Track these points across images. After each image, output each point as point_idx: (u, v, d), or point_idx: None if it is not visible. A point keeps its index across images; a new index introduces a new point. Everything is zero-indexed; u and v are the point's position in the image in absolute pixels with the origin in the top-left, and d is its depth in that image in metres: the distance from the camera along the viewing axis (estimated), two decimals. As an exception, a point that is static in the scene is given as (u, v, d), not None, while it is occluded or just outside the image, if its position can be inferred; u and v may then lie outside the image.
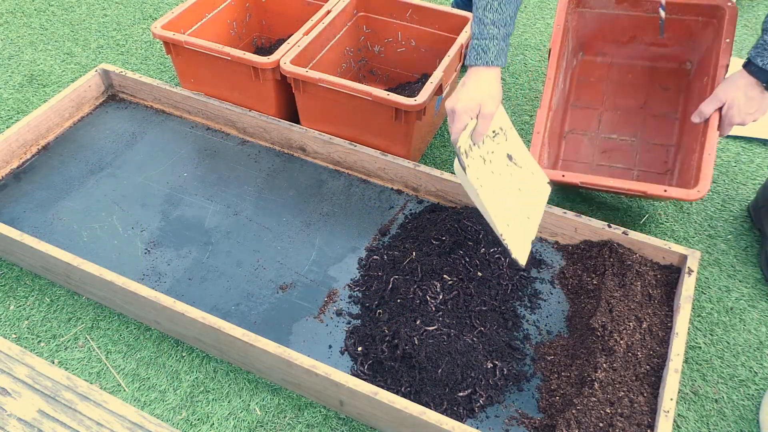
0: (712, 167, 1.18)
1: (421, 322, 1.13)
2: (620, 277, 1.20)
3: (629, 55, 1.47)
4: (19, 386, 1.12)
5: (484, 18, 1.07)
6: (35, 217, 1.39)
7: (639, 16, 1.40)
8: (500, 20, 1.07)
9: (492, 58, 1.07)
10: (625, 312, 1.13)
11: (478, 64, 1.08)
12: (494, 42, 1.07)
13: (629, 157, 1.47)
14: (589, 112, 1.51)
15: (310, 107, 1.49)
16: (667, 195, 1.19)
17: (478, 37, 1.08)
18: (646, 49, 1.45)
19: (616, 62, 1.49)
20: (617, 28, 1.44)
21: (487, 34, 1.07)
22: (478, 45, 1.08)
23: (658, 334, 1.13)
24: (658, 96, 1.48)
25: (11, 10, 2.06)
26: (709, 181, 1.17)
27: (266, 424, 1.10)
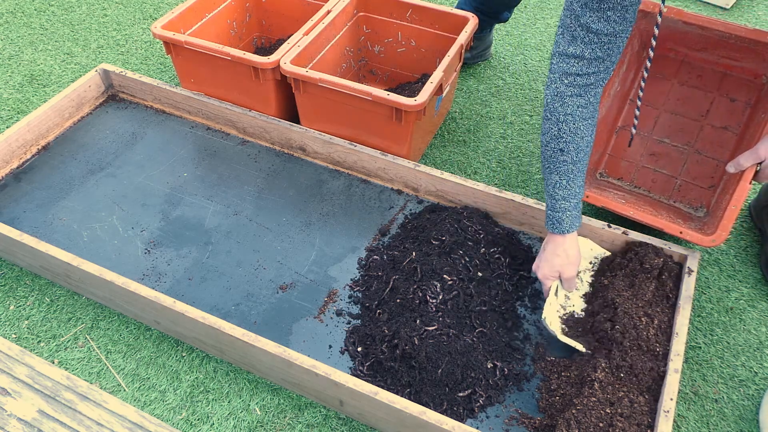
0: (733, 221, 1.17)
1: (421, 322, 1.13)
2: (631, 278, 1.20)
3: (701, 59, 1.42)
4: (19, 386, 1.12)
5: (554, 194, 1.15)
6: (35, 217, 1.39)
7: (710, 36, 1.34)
8: (570, 194, 1.14)
9: (566, 228, 1.15)
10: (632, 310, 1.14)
11: (555, 233, 1.16)
12: (567, 214, 1.14)
13: (676, 165, 1.43)
14: (648, 111, 1.46)
15: (310, 107, 1.49)
16: (682, 237, 1.20)
17: (552, 209, 1.16)
18: (719, 59, 1.39)
19: (688, 61, 1.43)
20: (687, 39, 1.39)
21: (560, 208, 1.14)
22: (553, 217, 1.16)
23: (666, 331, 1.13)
24: (723, 106, 1.42)
25: (11, 10, 2.06)
26: (727, 232, 1.17)
27: (266, 424, 1.10)
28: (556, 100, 1.09)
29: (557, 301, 1.19)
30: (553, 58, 1.08)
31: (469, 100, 1.75)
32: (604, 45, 1.02)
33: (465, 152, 1.60)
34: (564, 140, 1.10)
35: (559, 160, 1.12)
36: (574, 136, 1.10)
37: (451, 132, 1.66)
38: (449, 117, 1.70)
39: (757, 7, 2.05)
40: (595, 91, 1.09)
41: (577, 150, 1.11)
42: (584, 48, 1.03)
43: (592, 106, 1.10)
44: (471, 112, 1.71)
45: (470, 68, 1.85)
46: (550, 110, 1.10)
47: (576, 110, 1.08)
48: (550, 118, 1.11)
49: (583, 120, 1.09)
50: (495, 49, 1.92)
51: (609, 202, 1.28)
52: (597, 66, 1.05)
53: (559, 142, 1.11)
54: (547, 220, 1.17)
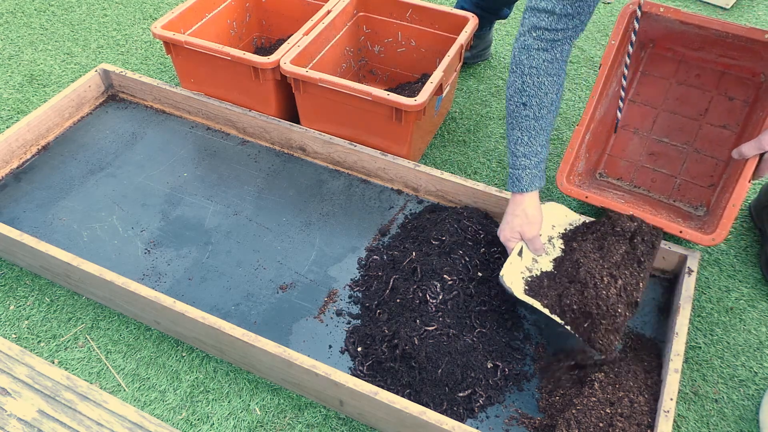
0: (732, 219, 1.17)
1: (421, 322, 1.13)
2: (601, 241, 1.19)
3: (701, 57, 1.41)
4: (19, 386, 1.12)
5: (515, 151, 1.16)
6: (35, 217, 1.39)
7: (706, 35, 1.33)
8: (530, 152, 1.14)
9: (525, 186, 1.15)
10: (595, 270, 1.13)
11: (514, 191, 1.17)
12: (526, 172, 1.15)
13: (676, 164, 1.43)
14: (647, 110, 1.46)
15: (310, 107, 1.49)
16: (682, 236, 1.20)
17: (512, 167, 1.16)
18: (717, 58, 1.38)
19: (686, 61, 1.43)
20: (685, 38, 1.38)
21: (519, 166, 1.15)
22: (513, 174, 1.16)
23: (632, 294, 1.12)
24: (722, 105, 1.41)
25: (11, 10, 2.06)
26: (726, 231, 1.17)
27: (266, 424, 1.10)
28: (522, 53, 1.11)
29: (521, 263, 1.18)
30: (525, 13, 1.11)
31: (469, 100, 1.75)
32: (575, 2, 1.05)
33: (465, 152, 1.60)
34: (527, 94, 1.11)
35: (522, 115, 1.13)
36: (537, 90, 1.11)
37: (451, 132, 1.66)
38: (449, 117, 1.70)
39: (757, 7, 2.05)
40: (561, 47, 1.10)
41: (540, 105, 1.12)
42: (555, 3, 1.05)
43: (558, 63, 1.11)
44: (471, 112, 1.71)
45: (470, 68, 1.85)
46: (516, 63, 1.12)
47: (542, 64, 1.10)
48: (515, 71, 1.12)
49: (548, 75, 1.11)
50: (495, 48, 1.92)
51: (609, 202, 1.28)
52: (566, 22, 1.07)
53: (522, 95, 1.12)
54: (508, 180, 1.18)
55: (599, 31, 1.99)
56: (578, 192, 1.30)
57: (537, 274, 1.18)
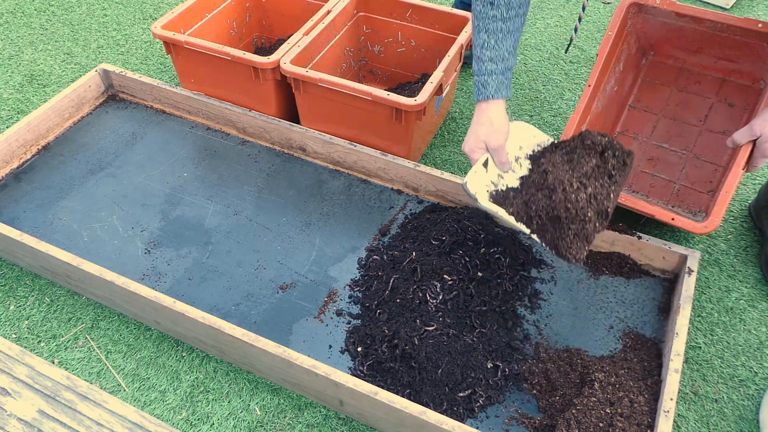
0: (726, 205, 1.16)
1: (421, 322, 1.13)
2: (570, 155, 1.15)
3: (699, 64, 1.41)
4: (19, 386, 1.12)
5: (481, 56, 1.09)
6: (35, 217, 1.39)
7: (703, 30, 1.33)
8: (497, 56, 1.08)
9: (492, 92, 1.09)
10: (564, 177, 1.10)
11: (480, 99, 1.10)
12: (493, 77, 1.08)
13: (675, 170, 1.43)
14: (647, 116, 1.46)
15: (310, 107, 1.49)
16: (673, 224, 1.19)
17: (477, 74, 1.10)
18: (716, 62, 1.38)
19: (687, 68, 1.43)
20: (683, 37, 1.38)
21: (485, 71, 1.09)
22: (478, 81, 1.10)
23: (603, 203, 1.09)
24: (722, 111, 1.42)
25: (11, 10, 2.06)
26: (719, 219, 1.15)
27: (266, 424, 1.10)
28: None
29: (486, 176, 1.12)
30: None
31: (469, 100, 1.75)
32: None
33: (465, 152, 1.60)
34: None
35: (489, 15, 1.06)
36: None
37: (451, 132, 1.66)
38: (449, 117, 1.70)
39: (757, 7, 2.05)
40: None
41: (508, 5, 1.05)
42: None
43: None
44: (471, 112, 1.71)
45: (470, 68, 1.85)
46: None
47: None
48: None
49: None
50: (495, 49, 1.92)
51: None
52: None
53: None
54: (473, 89, 1.12)
55: (599, 31, 1.99)
56: None
57: (502, 189, 1.14)
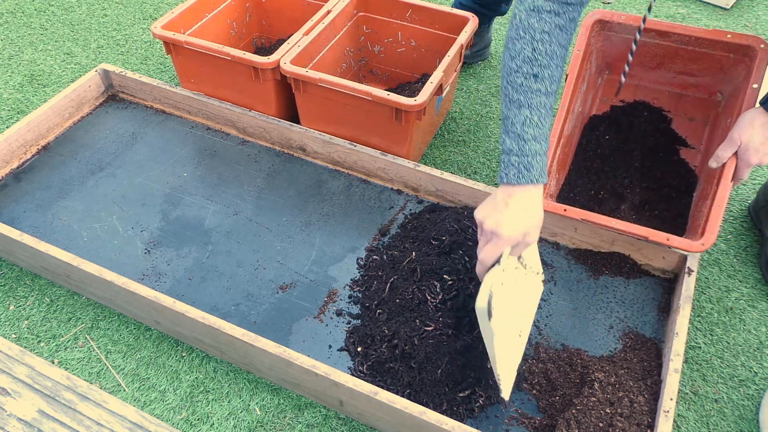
0: (719, 221, 1.13)
1: (420, 322, 1.13)
2: None
3: (657, 80, 1.40)
4: (19, 386, 1.12)
5: (523, 134, 0.95)
6: (35, 217, 1.39)
7: (667, 45, 1.32)
8: (541, 135, 0.96)
9: (537, 175, 0.95)
10: None
11: (522, 182, 0.96)
12: (537, 158, 0.95)
13: None
14: None
15: (310, 107, 1.49)
16: (668, 244, 1.15)
17: (519, 154, 0.96)
18: (675, 77, 1.37)
19: (643, 85, 1.43)
20: (645, 53, 1.37)
21: (529, 151, 0.95)
22: (519, 162, 0.95)
23: None
24: (683, 126, 1.42)
25: (11, 10, 2.06)
26: (715, 235, 1.12)
27: (266, 424, 1.10)
28: (531, 15, 0.95)
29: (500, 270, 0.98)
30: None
31: (469, 100, 1.75)
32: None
33: (465, 152, 1.60)
34: (539, 63, 0.94)
35: (533, 89, 0.95)
36: (550, 60, 0.95)
37: (451, 132, 1.66)
38: (449, 117, 1.70)
39: (757, 7, 2.05)
40: (572, 15, 0.96)
41: (552, 79, 0.96)
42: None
43: (568, 33, 0.96)
44: (471, 112, 1.71)
45: (470, 68, 1.85)
46: (524, 27, 0.95)
47: (554, 30, 0.95)
48: (522, 36, 0.95)
49: (560, 46, 0.96)
50: (495, 48, 1.92)
51: (588, 215, 1.20)
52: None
53: (533, 65, 0.94)
54: (507, 171, 0.96)
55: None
56: (555, 206, 1.21)
57: None
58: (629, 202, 1.36)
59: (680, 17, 2.01)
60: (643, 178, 1.39)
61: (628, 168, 1.41)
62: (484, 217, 0.99)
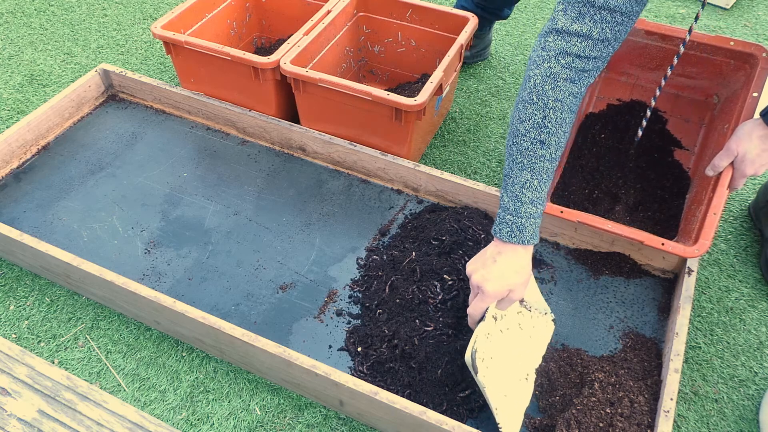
0: (715, 228, 1.13)
1: (420, 322, 1.13)
2: None
3: (654, 80, 1.40)
4: (19, 386, 1.12)
5: (521, 196, 0.98)
6: (35, 217, 1.39)
7: (669, 48, 1.33)
8: (538, 198, 0.99)
9: (528, 237, 0.99)
10: None
11: (513, 242, 0.99)
12: (530, 221, 0.99)
13: None
14: None
15: (310, 107, 1.49)
16: (663, 249, 1.15)
17: (514, 214, 0.99)
18: (673, 78, 1.37)
19: (640, 84, 1.42)
20: (645, 54, 1.37)
21: (524, 213, 0.98)
22: (513, 222, 0.99)
23: None
24: (678, 127, 1.42)
25: (11, 10, 2.06)
26: (709, 241, 1.12)
27: (266, 424, 1.10)
28: (547, 81, 0.95)
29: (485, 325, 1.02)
30: (547, 37, 0.96)
31: (469, 100, 1.75)
32: (617, 25, 0.92)
33: (465, 152, 1.60)
34: (548, 131, 0.96)
35: (537, 155, 0.97)
36: (558, 128, 0.97)
37: (451, 132, 1.66)
38: (449, 117, 1.70)
39: (757, 7, 2.05)
40: (588, 81, 0.98)
41: (558, 146, 0.98)
42: (593, 26, 0.92)
43: (579, 99, 0.98)
44: (471, 112, 1.71)
45: (470, 68, 1.85)
46: (538, 93, 0.96)
47: (567, 98, 0.96)
48: (536, 102, 0.96)
49: (570, 112, 0.97)
50: (495, 48, 1.92)
51: (585, 216, 1.20)
52: (601, 50, 0.94)
53: (541, 132, 0.96)
54: (501, 227, 1.00)
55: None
56: (552, 207, 1.21)
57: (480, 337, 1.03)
58: (623, 203, 1.36)
59: (680, 17, 2.01)
60: (638, 179, 1.39)
61: (622, 168, 1.41)
62: (472, 270, 1.03)
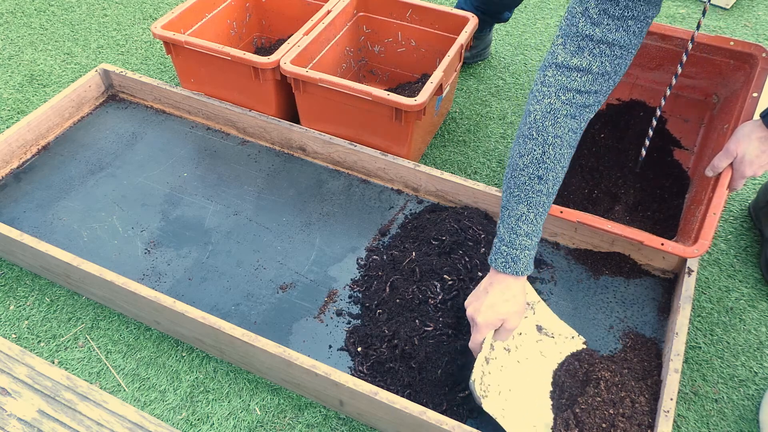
0: (714, 228, 1.13)
1: (420, 322, 1.13)
2: None
3: (653, 80, 1.40)
4: (19, 386, 1.12)
5: (516, 228, 0.99)
6: (35, 217, 1.39)
7: (668, 48, 1.33)
8: (533, 231, 1.00)
9: (522, 268, 1.00)
10: None
11: (506, 272, 1.01)
12: (525, 253, 1.00)
13: None
14: None
15: (310, 107, 1.49)
16: (663, 249, 1.15)
17: (509, 245, 1.00)
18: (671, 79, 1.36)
19: (639, 84, 1.42)
20: (644, 54, 1.37)
21: (519, 245, 0.99)
22: (508, 254, 1.00)
23: None
24: (678, 126, 1.42)
25: (11, 10, 2.06)
26: (709, 242, 1.12)
27: (266, 424, 1.10)
28: (547, 118, 0.95)
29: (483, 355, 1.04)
30: (546, 71, 0.95)
31: (469, 100, 1.75)
32: (616, 59, 0.92)
33: (465, 152, 1.60)
34: (546, 167, 0.96)
35: (534, 189, 0.98)
36: (556, 164, 0.97)
37: (451, 132, 1.66)
38: (449, 117, 1.70)
39: (757, 7, 2.05)
40: (588, 115, 0.97)
41: (555, 181, 0.98)
42: (592, 60, 0.91)
43: (578, 134, 0.98)
44: (471, 112, 1.71)
45: (470, 68, 1.85)
46: (538, 129, 0.96)
47: (566, 134, 0.96)
48: (535, 138, 0.96)
49: (570, 148, 0.97)
50: (495, 49, 1.92)
51: (584, 216, 1.21)
52: (601, 84, 0.94)
53: (539, 167, 0.97)
54: (496, 256, 1.02)
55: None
56: (552, 207, 1.21)
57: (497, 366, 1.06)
58: (623, 203, 1.36)
59: (680, 17, 2.01)
60: (637, 179, 1.39)
61: (622, 168, 1.41)
62: (467, 304, 1.06)
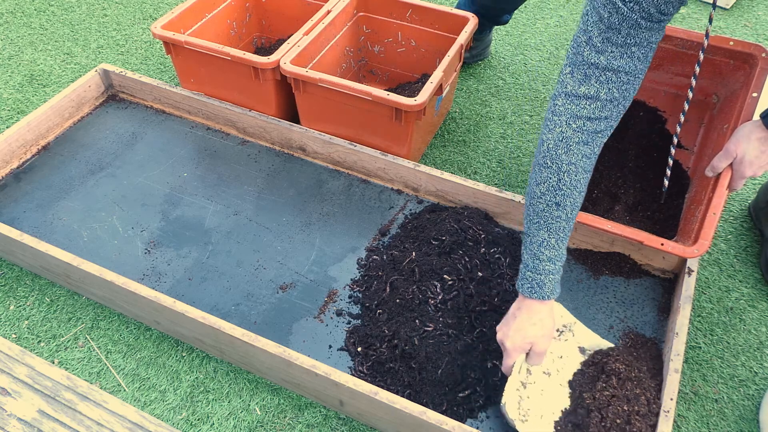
0: (714, 228, 1.13)
1: (420, 322, 1.13)
2: None
3: (653, 80, 1.40)
4: (19, 386, 1.12)
5: (539, 254, 1.02)
6: (35, 217, 1.39)
7: (669, 48, 1.33)
8: (556, 256, 1.02)
9: (547, 293, 1.02)
10: None
11: (533, 297, 1.03)
12: (550, 277, 1.02)
13: None
14: None
15: (310, 107, 1.49)
16: (663, 249, 1.15)
17: (533, 271, 1.03)
18: (672, 78, 1.38)
19: None
20: None
21: (543, 270, 1.02)
22: (533, 279, 1.02)
23: None
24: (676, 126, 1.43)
25: (11, 10, 2.06)
26: (709, 242, 1.12)
27: (266, 424, 1.10)
28: (560, 146, 0.97)
29: (518, 379, 1.05)
30: (557, 100, 0.98)
31: (469, 100, 1.75)
32: (623, 84, 0.93)
33: (465, 152, 1.60)
34: (563, 193, 0.99)
35: (553, 216, 1.00)
36: (572, 189, 0.99)
37: (451, 132, 1.66)
38: (449, 117, 1.70)
39: (757, 7, 2.05)
40: (601, 141, 0.99)
41: (573, 206, 1.00)
42: (600, 88, 0.93)
43: (593, 159, 1.00)
44: (471, 112, 1.71)
45: (470, 68, 1.85)
46: (552, 157, 0.98)
47: (580, 160, 0.98)
48: (550, 166, 0.98)
49: (585, 173, 0.99)
50: (495, 49, 1.92)
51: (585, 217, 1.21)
52: (611, 110, 0.95)
53: (556, 194, 0.99)
54: (522, 282, 1.04)
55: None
56: None
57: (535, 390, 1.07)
58: (623, 203, 1.36)
59: (680, 17, 2.01)
60: (637, 179, 1.39)
61: (622, 168, 1.41)
62: (498, 329, 1.08)
